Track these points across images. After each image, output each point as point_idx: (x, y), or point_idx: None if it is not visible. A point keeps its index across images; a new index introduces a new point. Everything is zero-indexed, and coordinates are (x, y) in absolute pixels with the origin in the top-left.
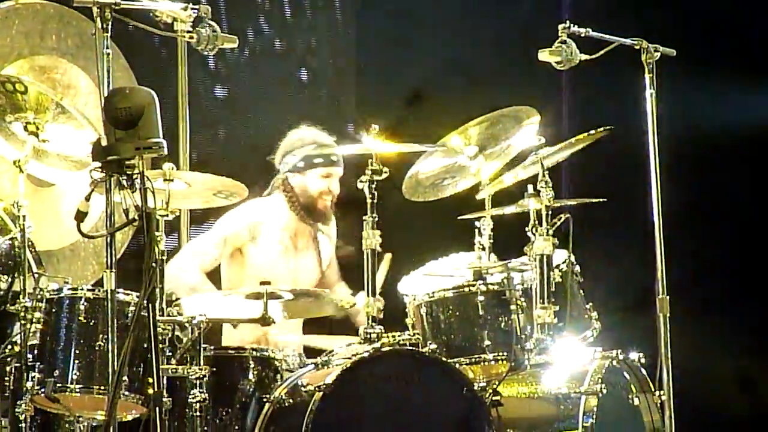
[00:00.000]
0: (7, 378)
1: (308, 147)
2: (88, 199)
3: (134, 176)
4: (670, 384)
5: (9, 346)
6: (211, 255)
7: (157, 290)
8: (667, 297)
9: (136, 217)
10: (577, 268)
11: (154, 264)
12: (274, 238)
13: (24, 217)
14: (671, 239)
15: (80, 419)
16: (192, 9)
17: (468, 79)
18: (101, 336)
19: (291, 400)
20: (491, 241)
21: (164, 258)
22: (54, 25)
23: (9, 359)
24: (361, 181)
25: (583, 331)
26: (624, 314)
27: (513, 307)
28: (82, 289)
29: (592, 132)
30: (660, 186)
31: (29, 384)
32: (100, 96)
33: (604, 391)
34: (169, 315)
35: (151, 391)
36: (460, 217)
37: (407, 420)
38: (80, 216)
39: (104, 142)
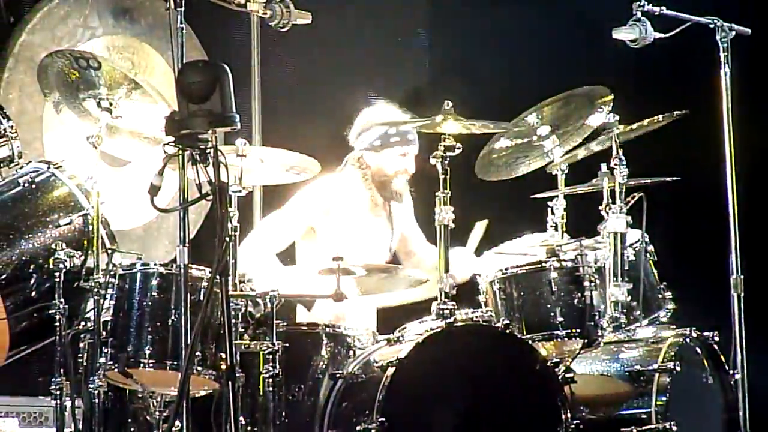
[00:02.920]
0: (80, 354)
1: (384, 126)
2: (161, 173)
3: (207, 151)
4: (744, 363)
5: (82, 323)
6: (284, 235)
7: (230, 265)
8: (742, 276)
9: (209, 192)
10: (651, 247)
11: (226, 239)
12: (347, 214)
13: (98, 193)
14: (746, 218)
15: (153, 394)
16: None
17: (542, 59)
18: (174, 311)
19: (364, 376)
20: (564, 220)
21: (237, 234)
22: (128, 4)
23: (82, 335)
24: (433, 158)
25: (657, 310)
26: (698, 294)
27: (586, 283)
28: (155, 265)
29: (667, 115)
30: (734, 164)
31: (102, 360)
32: (173, 70)
33: (678, 369)
34: (241, 290)
35: (224, 366)
36: (533, 196)
37: (479, 396)
38: (153, 190)
39: (177, 117)
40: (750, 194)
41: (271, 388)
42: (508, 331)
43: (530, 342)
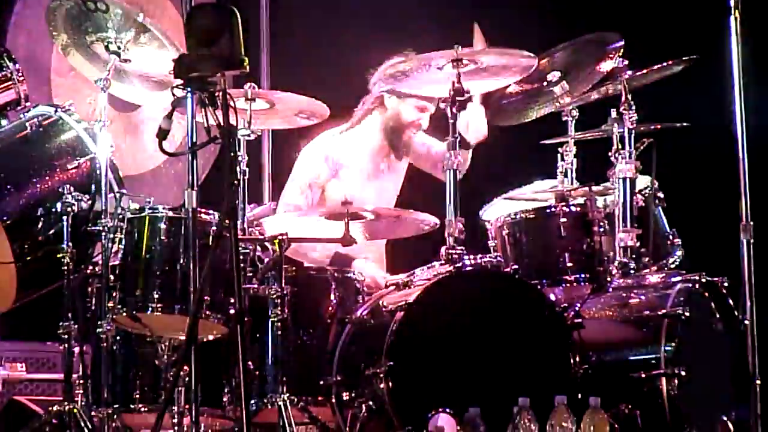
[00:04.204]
0: (88, 299)
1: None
2: (169, 116)
3: (216, 94)
4: (754, 310)
5: (90, 267)
6: (303, 204)
7: (239, 209)
8: (751, 222)
9: (218, 136)
10: (660, 193)
11: (235, 182)
12: (355, 165)
13: (106, 136)
14: (756, 164)
15: (161, 339)
16: None
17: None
18: (182, 256)
19: (372, 320)
20: (574, 166)
21: (245, 177)
22: None
23: (90, 280)
24: (443, 102)
25: (666, 256)
26: (707, 240)
27: (595, 228)
28: (163, 209)
29: (677, 60)
30: (744, 110)
31: (110, 304)
32: (182, 13)
33: (687, 314)
34: (250, 234)
35: (232, 310)
36: (542, 142)
37: (487, 341)
38: (162, 134)
39: (186, 60)
40: (760, 139)
41: (279, 333)
42: (517, 276)
43: (539, 287)
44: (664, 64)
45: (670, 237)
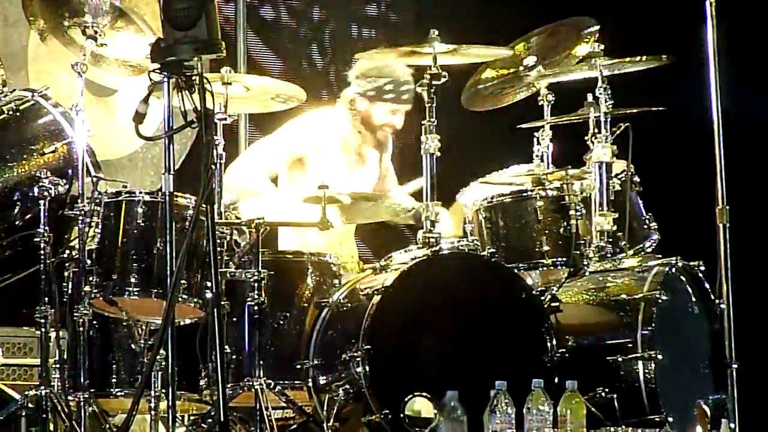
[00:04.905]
0: (65, 283)
1: (383, 80)
2: (146, 100)
3: (193, 78)
4: (730, 294)
5: (67, 251)
6: (271, 162)
7: (216, 193)
8: (727, 207)
9: (194, 120)
10: (636, 177)
11: (212, 167)
12: (336, 147)
13: (83, 120)
14: (731, 148)
15: (138, 323)
16: None
17: None
18: (159, 240)
19: (349, 304)
20: (550, 150)
21: (222, 162)
22: None
23: (67, 264)
24: (419, 86)
25: (642, 240)
26: (683, 224)
27: (572, 212)
28: (140, 193)
29: (651, 57)
30: (720, 95)
31: (87, 288)
32: None
33: (663, 298)
34: (227, 218)
35: (209, 294)
36: (518, 126)
37: (464, 325)
38: (139, 118)
39: (163, 44)
40: (735, 123)
41: (256, 317)
42: (494, 260)
43: (516, 270)
44: (639, 58)
45: (646, 221)
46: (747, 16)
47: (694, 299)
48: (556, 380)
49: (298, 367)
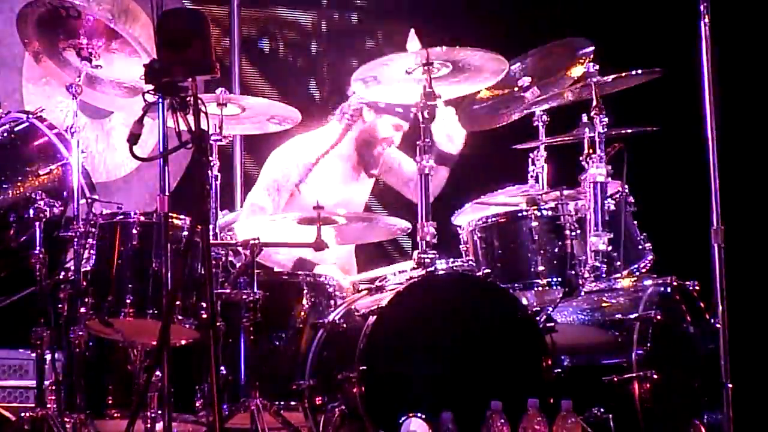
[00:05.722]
0: (60, 305)
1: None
2: (140, 121)
3: (187, 98)
4: (725, 313)
5: (62, 272)
6: (269, 206)
7: (210, 215)
8: (722, 227)
9: (189, 140)
10: (631, 198)
11: (207, 188)
12: (326, 169)
13: (78, 142)
14: (727, 168)
15: (133, 344)
16: None
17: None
18: (154, 261)
19: (345, 325)
20: (545, 171)
21: (217, 182)
22: None
23: (62, 286)
24: (415, 107)
25: (637, 261)
26: (678, 244)
27: (567, 232)
28: (135, 214)
29: (646, 71)
30: (715, 115)
31: (83, 309)
32: (153, 18)
33: (659, 317)
34: (222, 239)
35: (204, 315)
36: (513, 147)
37: (460, 345)
38: (133, 138)
39: (157, 65)
40: (731, 144)
41: (252, 337)
42: (489, 280)
43: (511, 291)
44: (633, 73)
45: (641, 241)
46: (742, 34)
47: (689, 319)
48: (552, 400)
49: (294, 387)
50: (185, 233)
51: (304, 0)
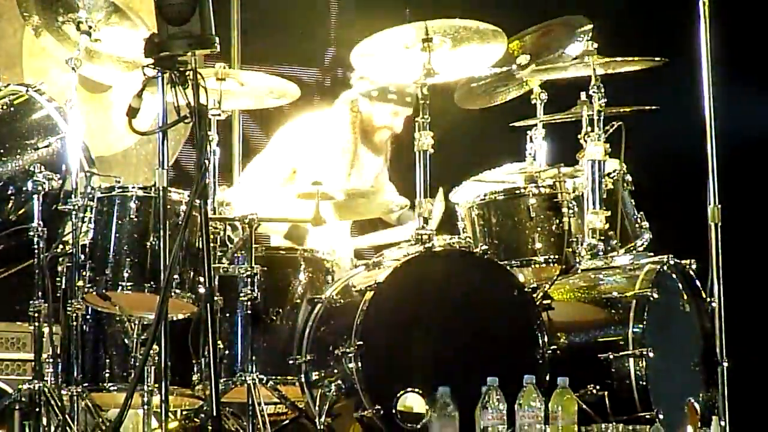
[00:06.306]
0: (58, 278)
1: (386, 82)
2: (140, 95)
3: (186, 73)
4: (721, 291)
5: (61, 246)
6: (272, 177)
7: (209, 189)
8: (719, 206)
9: (188, 115)
10: (629, 176)
11: (206, 161)
12: (327, 152)
13: (77, 116)
14: (723, 147)
15: (131, 317)
16: None
17: None
18: (152, 235)
19: (342, 300)
20: (543, 148)
21: (216, 157)
22: None
23: (60, 259)
24: (414, 83)
25: (634, 239)
26: (675, 223)
27: (564, 209)
28: (133, 188)
29: (646, 59)
30: (712, 94)
31: (80, 283)
32: None
33: (655, 296)
34: (220, 214)
35: (202, 289)
36: (512, 124)
37: (456, 321)
38: (132, 112)
39: (157, 39)
40: (728, 123)
41: (249, 312)
42: (486, 257)
43: (508, 268)
44: (631, 58)
45: (638, 219)
46: (740, 15)
47: (685, 297)
48: (548, 377)
49: (291, 362)
50: (183, 207)
51: None
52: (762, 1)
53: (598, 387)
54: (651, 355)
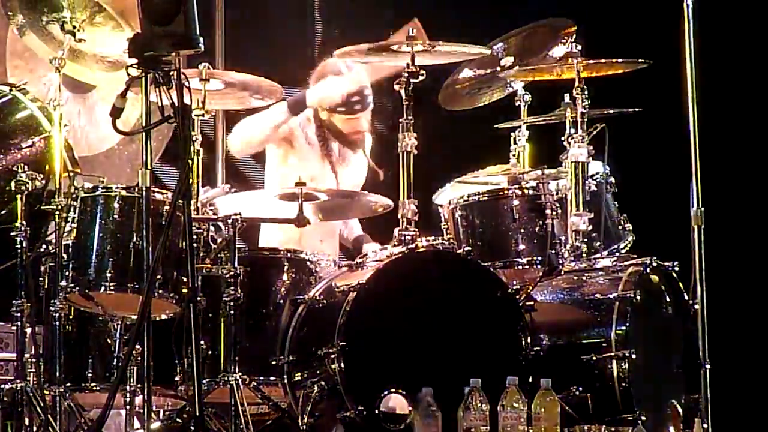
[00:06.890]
0: (41, 278)
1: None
2: (123, 95)
3: (170, 73)
4: (704, 294)
5: (44, 246)
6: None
7: (192, 189)
8: (702, 208)
9: (171, 115)
10: (612, 178)
11: (189, 162)
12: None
13: (60, 115)
14: (707, 150)
15: (114, 318)
16: None
17: None
18: (136, 235)
19: (325, 301)
20: (526, 150)
21: (199, 158)
22: None
23: (43, 258)
24: (397, 84)
25: (617, 241)
26: (658, 225)
27: (548, 211)
28: (117, 188)
29: (630, 61)
30: (696, 97)
31: (63, 283)
32: None
33: (638, 297)
34: (203, 214)
35: (185, 290)
36: (495, 126)
37: (439, 322)
38: (116, 112)
39: (141, 39)
40: (711, 126)
41: (232, 312)
42: (469, 258)
43: (491, 269)
44: (615, 60)
45: (622, 221)
46: (724, 18)
47: (668, 299)
48: (531, 378)
49: (274, 363)
50: (167, 207)
51: None
52: (746, 4)
53: (580, 388)
54: (634, 356)
